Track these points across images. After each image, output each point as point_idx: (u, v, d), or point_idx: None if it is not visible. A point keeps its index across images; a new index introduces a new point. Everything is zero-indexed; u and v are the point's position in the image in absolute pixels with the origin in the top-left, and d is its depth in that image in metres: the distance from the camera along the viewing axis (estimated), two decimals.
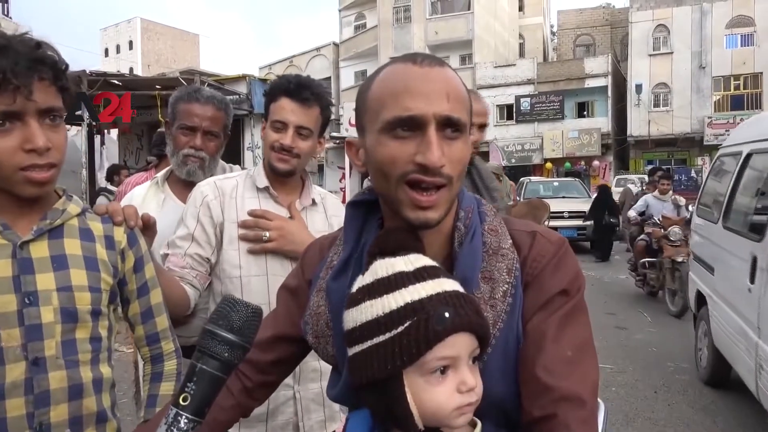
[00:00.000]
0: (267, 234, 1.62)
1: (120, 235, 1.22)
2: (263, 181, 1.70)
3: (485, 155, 29.16)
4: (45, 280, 1.09)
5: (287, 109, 1.62)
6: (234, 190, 1.69)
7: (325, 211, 1.79)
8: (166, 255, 1.66)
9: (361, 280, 0.81)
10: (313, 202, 1.76)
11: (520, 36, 37.18)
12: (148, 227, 1.31)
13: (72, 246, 1.14)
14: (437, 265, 0.81)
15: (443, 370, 0.74)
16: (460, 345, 0.74)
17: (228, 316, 0.75)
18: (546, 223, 8.04)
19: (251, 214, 1.64)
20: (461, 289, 0.79)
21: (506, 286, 0.86)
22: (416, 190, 0.83)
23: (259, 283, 1.64)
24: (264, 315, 0.82)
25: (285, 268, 1.63)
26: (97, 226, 1.20)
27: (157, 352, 1.29)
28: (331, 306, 0.95)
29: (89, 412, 1.12)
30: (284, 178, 1.70)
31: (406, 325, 0.73)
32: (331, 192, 2.13)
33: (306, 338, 0.99)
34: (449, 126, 0.83)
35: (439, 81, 0.83)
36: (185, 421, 0.71)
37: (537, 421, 0.80)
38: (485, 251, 0.89)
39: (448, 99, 0.82)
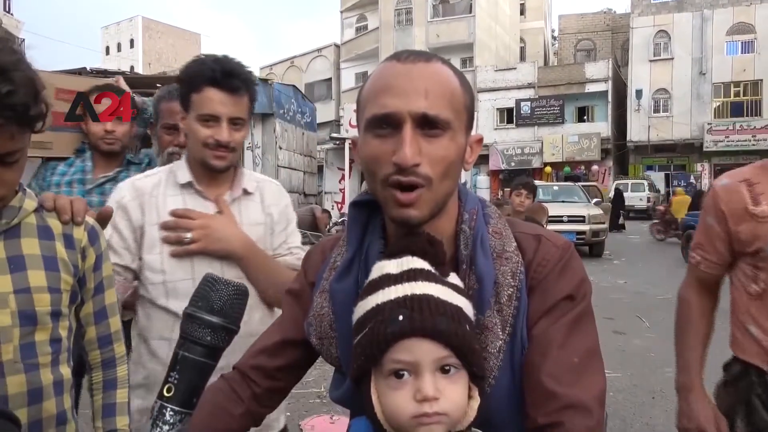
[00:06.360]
0: (189, 235, 1.49)
1: (80, 233, 1.17)
2: (185, 176, 1.54)
3: (485, 158, 29.19)
4: (1, 283, 1.05)
5: (216, 101, 1.46)
6: (155, 189, 1.54)
7: (261, 201, 1.63)
8: None
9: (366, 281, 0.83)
10: (246, 192, 1.60)
11: (521, 40, 37.23)
12: (105, 220, 1.23)
13: (30, 246, 1.09)
14: (427, 269, 0.78)
15: (400, 375, 0.73)
16: (418, 351, 0.72)
17: (207, 296, 0.72)
18: (544, 226, 8.01)
19: (172, 214, 1.50)
20: (442, 295, 0.75)
21: (511, 289, 0.85)
22: (397, 189, 0.82)
23: (186, 287, 1.46)
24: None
25: (214, 268, 1.46)
26: (56, 224, 1.15)
27: (110, 356, 1.24)
28: (335, 307, 0.93)
29: (49, 414, 1.09)
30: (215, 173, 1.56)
31: (369, 327, 0.75)
32: (329, 192, 2.06)
33: (310, 340, 0.98)
34: (427, 124, 0.82)
35: (419, 78, 0.82)
36: (171, 413, 0.68)
37: (542, 429, 0.79)
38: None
39: (427, 96, 0.81)
